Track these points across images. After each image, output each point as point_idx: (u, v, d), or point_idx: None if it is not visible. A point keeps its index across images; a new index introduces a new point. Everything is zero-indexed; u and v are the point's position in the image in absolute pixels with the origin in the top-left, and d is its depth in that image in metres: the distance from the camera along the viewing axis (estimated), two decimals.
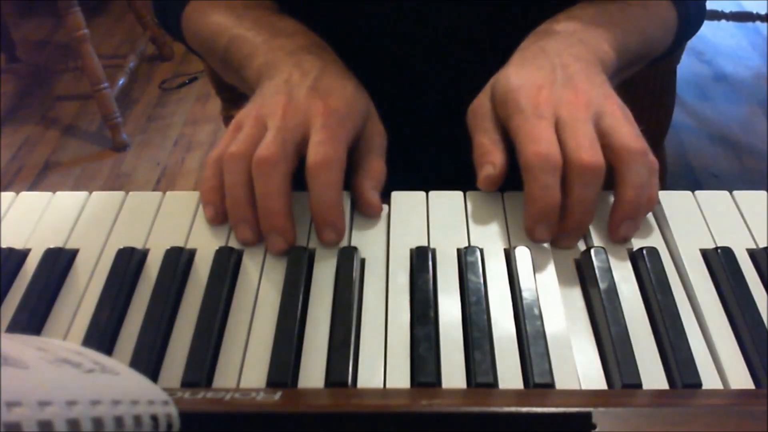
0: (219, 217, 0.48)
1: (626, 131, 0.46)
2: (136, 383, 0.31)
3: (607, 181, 0.46)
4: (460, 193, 0.50)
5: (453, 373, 0.39)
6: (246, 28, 0.56)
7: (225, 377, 0.39)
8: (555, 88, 0.47)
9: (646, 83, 0.88)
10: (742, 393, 0.38)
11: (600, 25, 0.54)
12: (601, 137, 0.46)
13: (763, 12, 2.12)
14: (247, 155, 0.46)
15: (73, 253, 0.46)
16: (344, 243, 0.47)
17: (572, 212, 0.45)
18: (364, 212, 0.49)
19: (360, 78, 0.53)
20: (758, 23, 2.25)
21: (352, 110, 0.49)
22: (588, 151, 0.44)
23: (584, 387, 0.38)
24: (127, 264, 0.45)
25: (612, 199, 0.47)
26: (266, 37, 0.54)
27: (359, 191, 0.49)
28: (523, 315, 0.41)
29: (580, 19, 0.54)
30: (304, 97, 0.48)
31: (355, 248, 0.45)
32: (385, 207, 0.49)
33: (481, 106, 0.51)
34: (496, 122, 0.50)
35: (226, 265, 0.45)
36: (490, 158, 0.48)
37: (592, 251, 0.45)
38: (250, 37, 0.55)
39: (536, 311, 0.41)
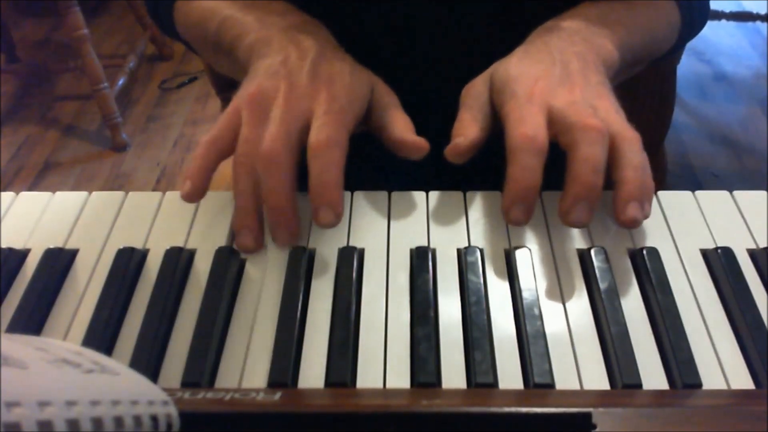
0: (198, 193, 0.47)
1: (619, 121, 0.46)
2: (136, 383, 0.31)
3: (607, 182, 0.46)
4: (460, 193, 0.50)
5: (453, 373, 0.39)
6: (237, 8, 0.56)
7: (226, 378, 0.39)
8: (551, 81, 0.48)
9: (646, 83, 0.88)
10: (742, 393, 0.38)
11: (605, 24, 0.54)
12: None
13: (763, 12, 2.13)
14: (252, 155, 0.45)
15: (72, 253, 0.46)
16: (344, 243, 0.47)
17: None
18: (412, 154, 0.49)
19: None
20: (758, 23, 2.26)
21: (354, 95, 0.49)
22: (591, 117, 0.44)
23: (584, 387, 0.38)
24: (127, 264, 0.45)
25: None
26: (258, 16, 0.54)
27: (394, 138, 0.49)
28: (523, 315, 0.41)
29: (585, 18, 0.54)
30: (305, 84, 0.48)
31: (355, 248, 0.45)
32: (386, 207, 0.49)
33: (474, 86, 0.52)
34: (484, 105, 0.51)
35: (226, 265, 0.45)
36: (465, 131, 0.49)
37: (592, 251, 0.45)
38: (240, 17, 0.55)
39: (536, 311, 0.41)
